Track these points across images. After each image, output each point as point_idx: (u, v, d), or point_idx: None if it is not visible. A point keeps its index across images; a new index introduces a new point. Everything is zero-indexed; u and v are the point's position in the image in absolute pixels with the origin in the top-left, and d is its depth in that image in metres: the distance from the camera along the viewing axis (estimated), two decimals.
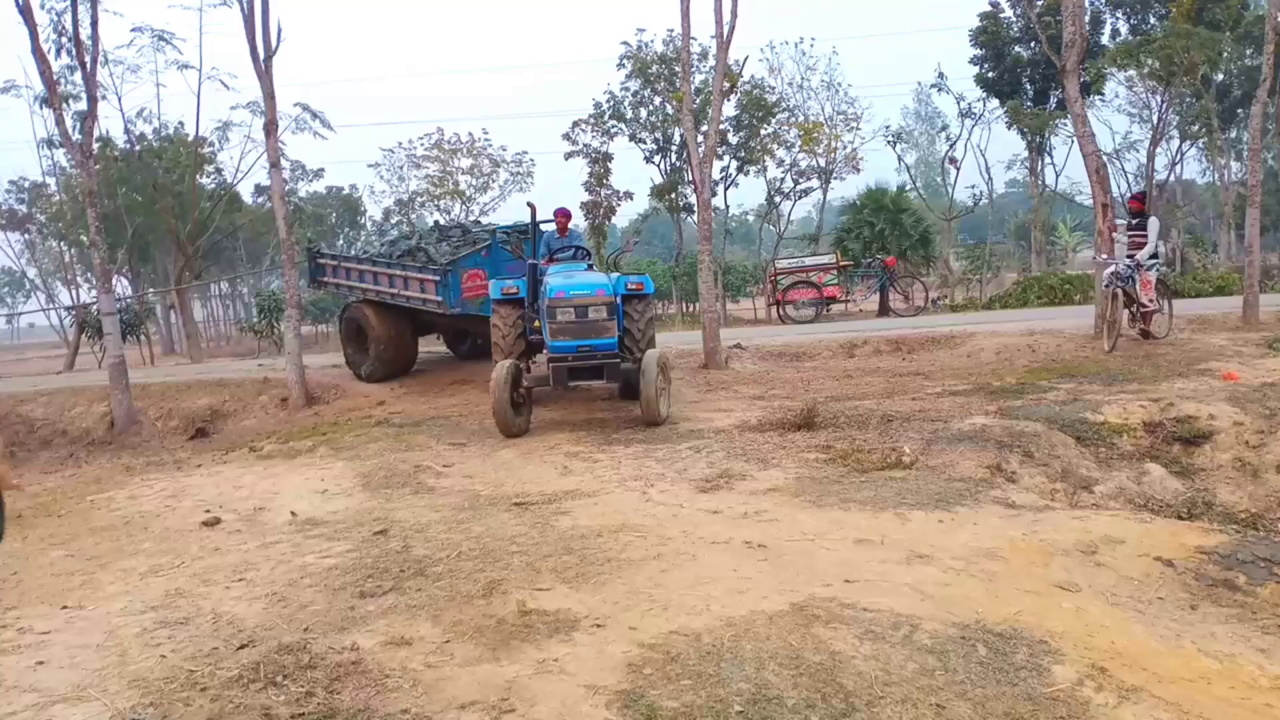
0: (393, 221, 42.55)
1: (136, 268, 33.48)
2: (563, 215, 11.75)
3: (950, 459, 7.46)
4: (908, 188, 34.06)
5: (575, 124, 34.47)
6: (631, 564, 5.23)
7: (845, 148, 35.87)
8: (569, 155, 34.60)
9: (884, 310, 24.34)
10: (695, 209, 35.93)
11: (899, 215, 27.13)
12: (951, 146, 36.49)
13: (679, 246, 40.26)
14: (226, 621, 4.75)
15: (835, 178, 36.60)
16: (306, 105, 27.12)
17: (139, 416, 12.96)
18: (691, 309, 38.36)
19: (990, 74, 33.49)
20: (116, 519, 7.57)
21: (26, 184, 37.80)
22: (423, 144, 39.41)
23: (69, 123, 13.75)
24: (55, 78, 13.95)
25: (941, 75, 34.24)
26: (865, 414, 9.22)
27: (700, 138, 15.19)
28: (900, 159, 37.02)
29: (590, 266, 10.79)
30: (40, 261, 46.58)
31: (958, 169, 36.95)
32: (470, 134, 39.33)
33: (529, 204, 11.90)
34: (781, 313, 24.14)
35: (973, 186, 42.46)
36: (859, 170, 36.47)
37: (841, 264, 24.59)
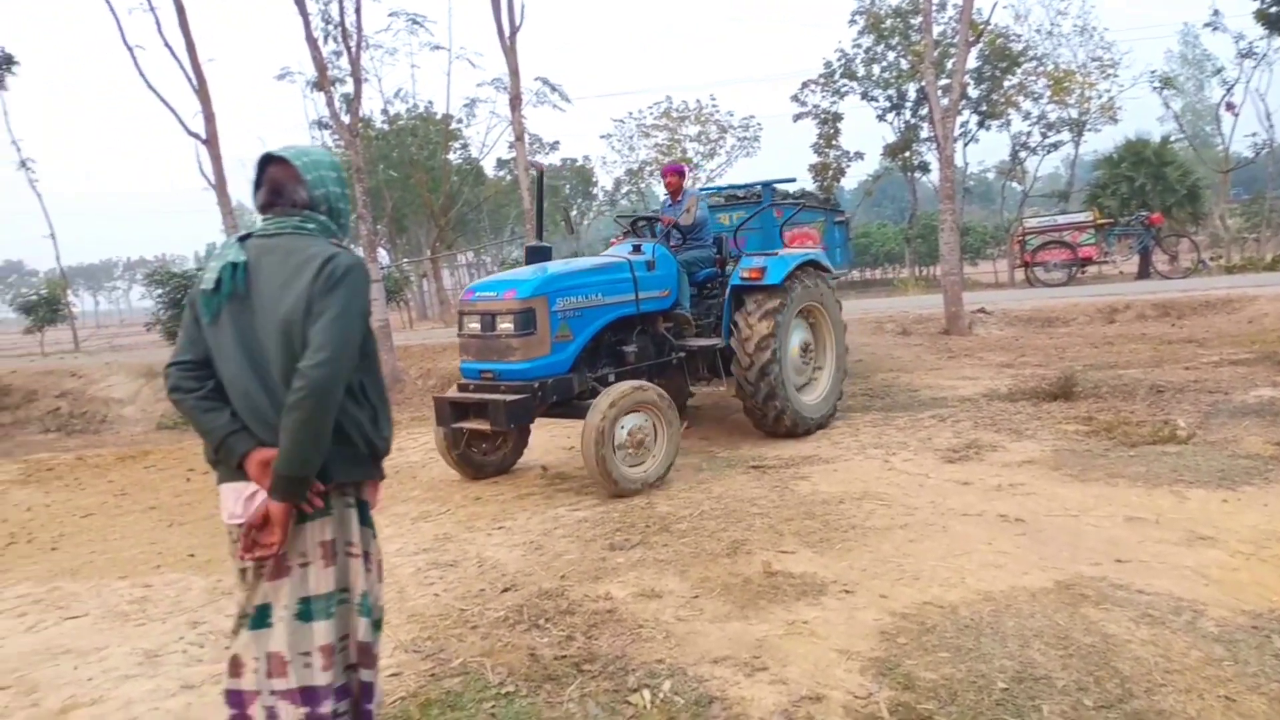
0: (622, 191, 43.54)
1: (394, 238, 36.16)
2: (672, 173, 8.66)
3: (1233, 433, 6.75)
4: (1173, 138, 30.92)
5: (804, 85, 33.78)
6: (877, 532, 5.12)
7: (1100, 97, 32.98)
8: (798, 117, 34.01)
9: (1145, 272, 22.30)
10: (932, 168, 34.68)
11: (1162, 168, 24.73)
12: (1228, 91, 32.70)
13: (912, 207, 38.71)
14: (490, 565, 5.07)
15: (1089, 130, 33.80)
16: (546, 79, 28.07)
17: (402, 375, 14.04)
18: (925, 272, 36.87)
19: (1274, 9, 29.63)
20: (387, 468, 8.23)
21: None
22: (651, 113, 39.99)
23: (337, 104, 14.92)
24: (325, 63, 15.21)
25: (1216, 13, 30.65)
26: (1131, 384, 8.52)
27: (941, 91, 14.45)
28: (1167, 106, 33.63)
29: (678, 244, 8.09)
30: None
31: (1235, 115, 33.09)
32: (698, 101, 39.50)
33: (534, 165, 9.29)
34: (1029, 275, 22.66)
35: (1252, 135, 37.86)
36: (1116, 121, 33.42)
37: (1100, 222, 22.59)
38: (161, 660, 4.07)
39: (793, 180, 10.78)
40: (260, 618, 2.38)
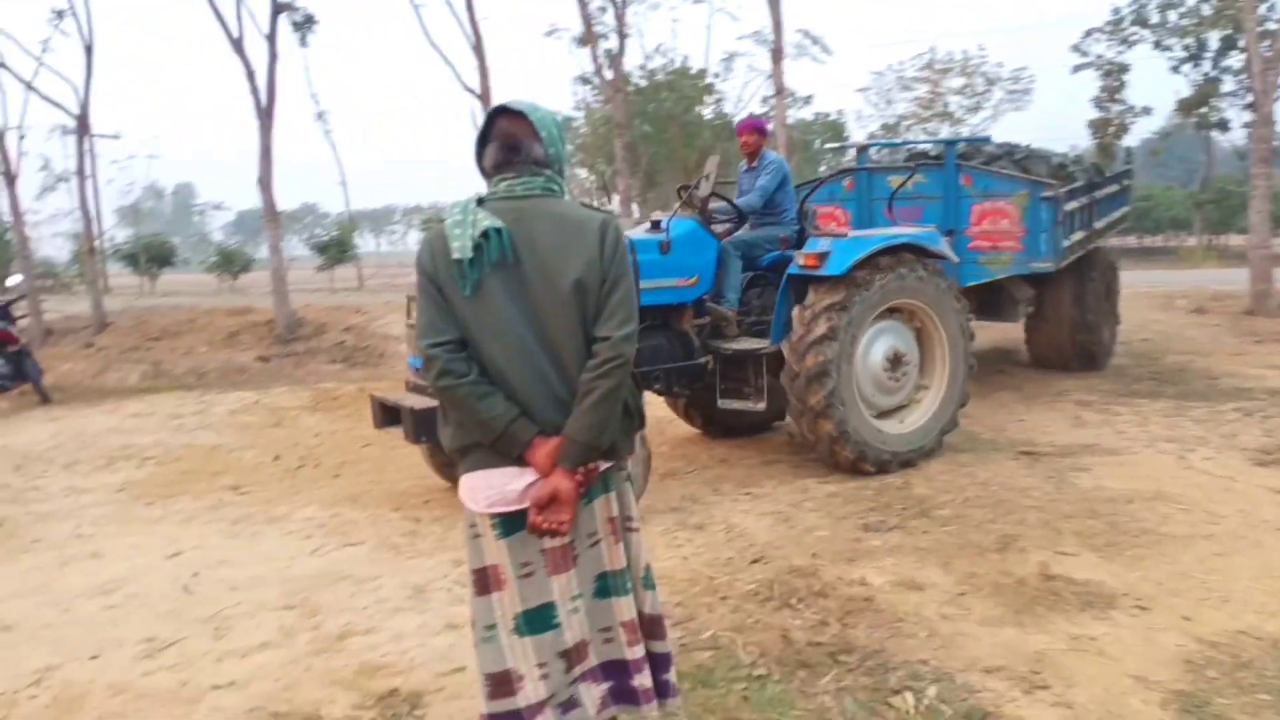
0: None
1: (645, 193, 36.81)
2: (749, 130, 6.70)
3: None
4: None
5: (1088, 33, 30.88)
6: (1175, 540, 4.54)
7: None
8: (1077, 68, 31.21)
9: None
10: (1232, 126, 30.80)
11: None
12: None
13: (1206, 169, 34.67)
14: (738, 533, 4.96)
15: None
16: (808, 31, 27.33)
17: None
18: (1219, 241, 33.05)
19: None
20: None
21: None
22: (913, 65, 38.05)
23: (600, 60, 15.17)
24: (591, 19, 15.49)
25: None
26: None
27: (1265, 40, 12.66)
28: None
29: (742, 220, 6.68)
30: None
31: None
32: (964, 51, 37.13)
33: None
34: None
35: None
36: None
37: None
38: (428, 596, 4.27)
39: (986, 140, 9.31)
40: (543, 619, 2.25)
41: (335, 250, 30.94)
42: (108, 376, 12.54)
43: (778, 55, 13.24)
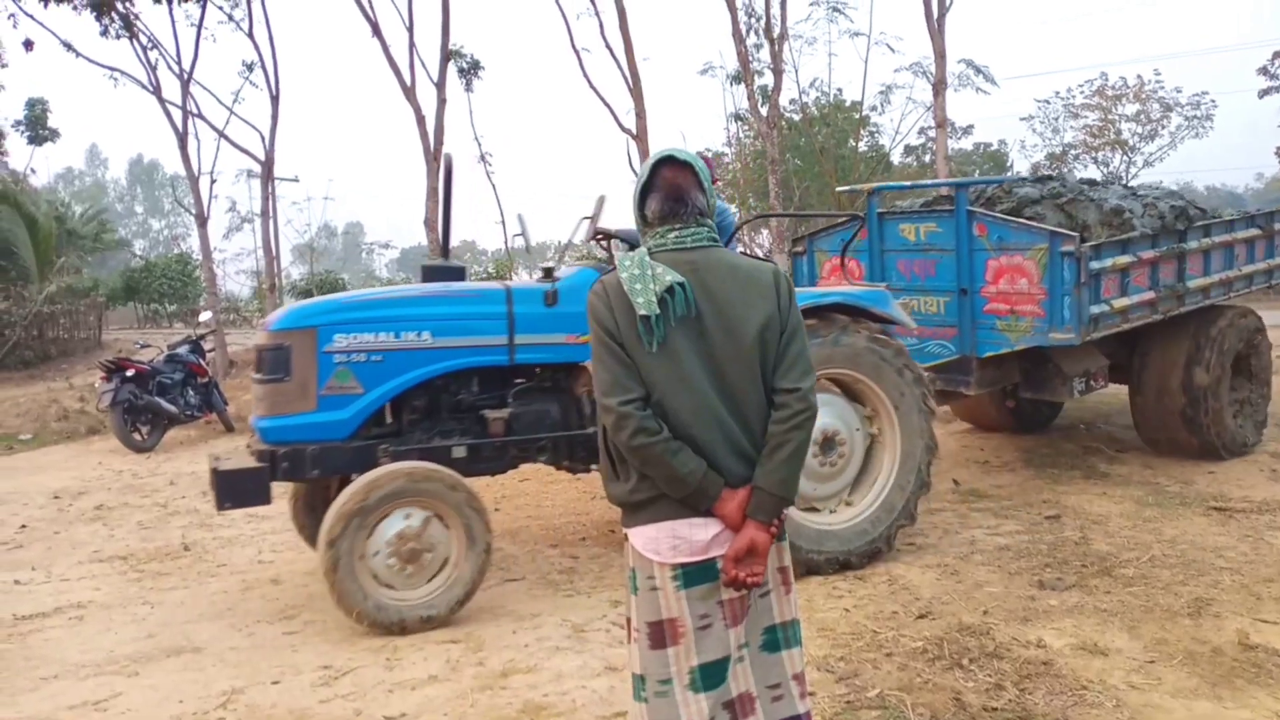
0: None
1: (796, 228, 36.54)
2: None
3: None
4: None
5: (1276, 55, 28.83)
6: None
7: None
8: (1264, 93, 29.13)
9: None
10: None
11: None
12: None
13: None
14: (902, 586, 4.79)
15: None
16: (971, 61, 26.62)
17: None
18: None
19: None
20: None
21: (709, 153, 43.63)
22: (1082, 91, 36.39)
23: (756, 96, 15.22)
24: (748, 57, 15.58)
25: None
26: None
27: None
28: None
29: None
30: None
31: None
32: (1139, 76, 35.22)
33: (447, 155, 6.36)
34: None
35: None
36: None
37: None
38: (587, 636, 4.30)
39: (999, 182, 7.67)
40: (719, 673, 2.22)
41: None
42: None
43: (939, 87, 12.94)
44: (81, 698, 3.86)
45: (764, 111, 14.30)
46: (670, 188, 2.28)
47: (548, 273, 5.33)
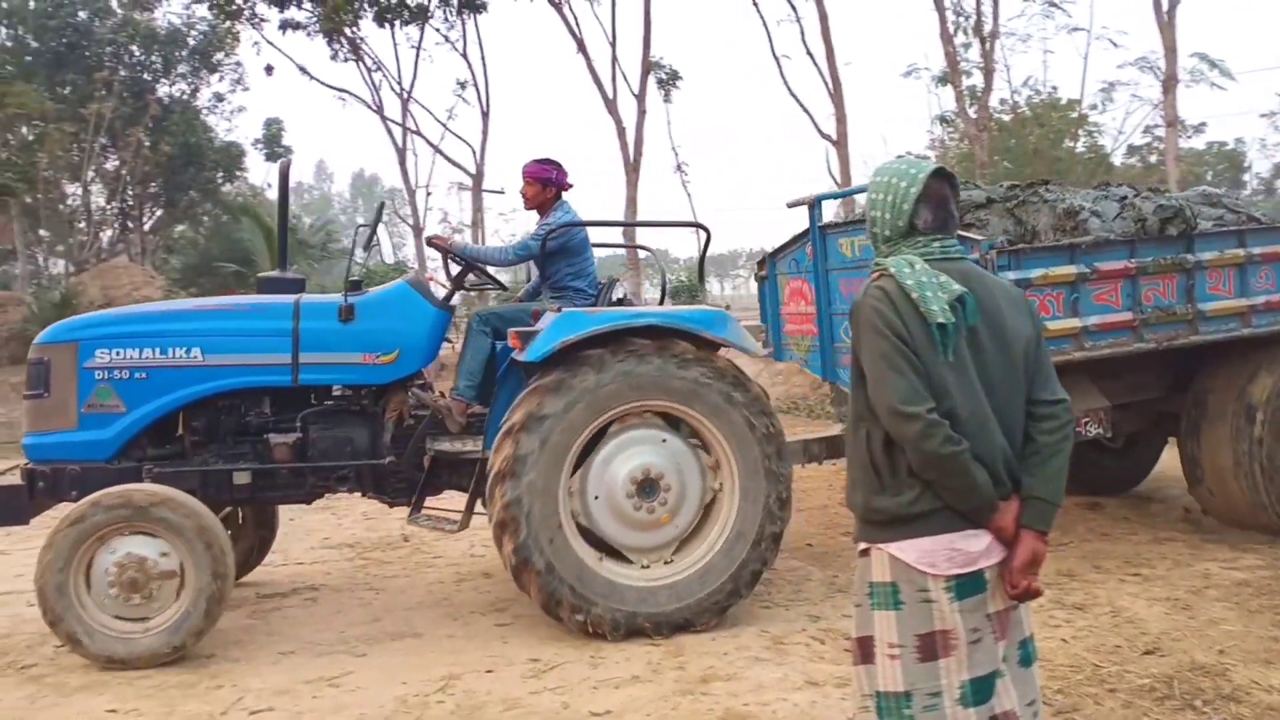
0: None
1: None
2: (529, 178, 5.26)
3: None
4: None
5: None
6: None
7: None
8: None
9: None
10: None
11: None
12: None
13: None
14: (1126, 619, 4.49)
15: None
16: (1205, 54, 24.62)
17: None
18: None
19: None
20: None
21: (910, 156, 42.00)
22: None
23: (965, 98, 14.67)
24: (956, 57, 15.05)
25: None
26: None
27: None
28: None
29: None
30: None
31: None
32: None
33: (282, 161, 5.94)
34: None
35: None
36: None
37: None
38: (787, 649, 4.29)
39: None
40: (988, 687, 2.18)
41: (685, 295, 32.51)
42: None
43: (1170, 84, 12.02)
44: (317, 673, 4.20)
45: (972, 113, 13.73)
46: (941, 200, 2.32)
47: (356, 285, 4.95)
